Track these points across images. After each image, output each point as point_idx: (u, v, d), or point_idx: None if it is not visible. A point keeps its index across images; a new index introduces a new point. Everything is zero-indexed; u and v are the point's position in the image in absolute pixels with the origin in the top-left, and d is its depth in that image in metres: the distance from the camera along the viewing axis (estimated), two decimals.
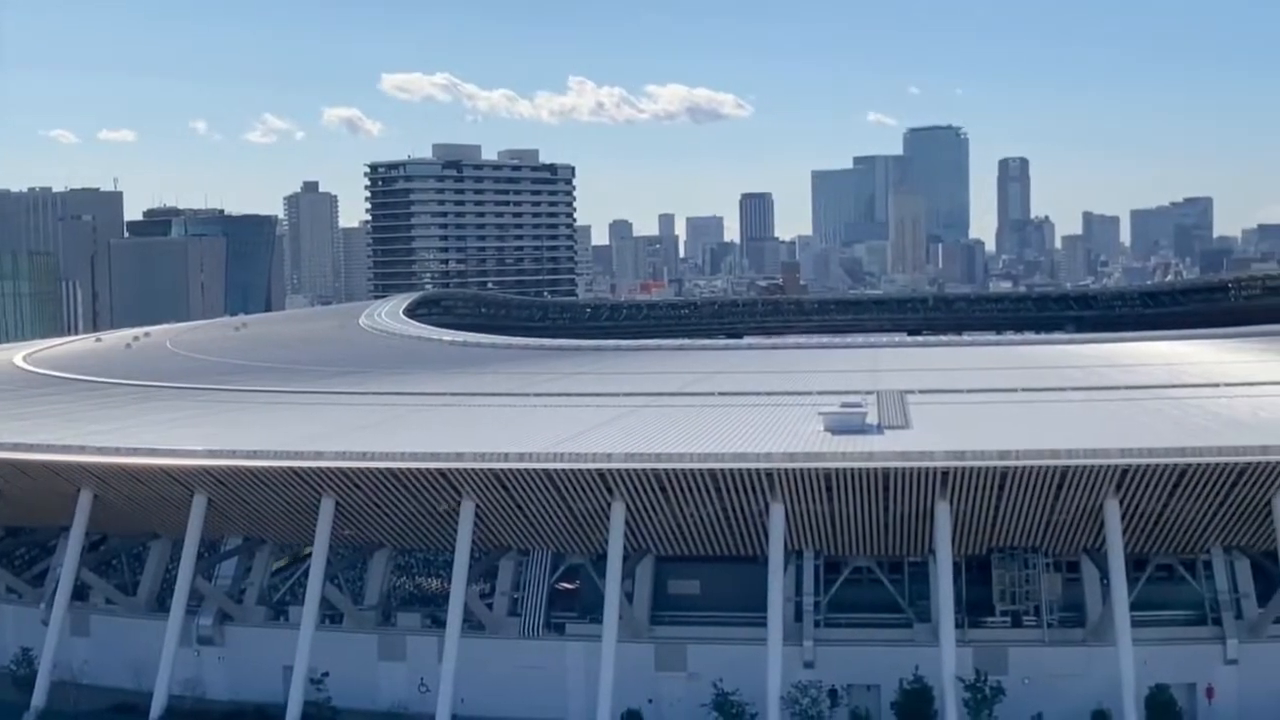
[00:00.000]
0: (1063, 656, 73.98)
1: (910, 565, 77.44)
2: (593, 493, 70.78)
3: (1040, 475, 67.51)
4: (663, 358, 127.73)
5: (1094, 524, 71.08)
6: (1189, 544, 74.62)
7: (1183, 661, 73.16)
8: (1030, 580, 74.82)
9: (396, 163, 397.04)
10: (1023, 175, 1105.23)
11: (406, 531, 78.93)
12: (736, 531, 74.02)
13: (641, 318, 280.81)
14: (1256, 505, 69.40)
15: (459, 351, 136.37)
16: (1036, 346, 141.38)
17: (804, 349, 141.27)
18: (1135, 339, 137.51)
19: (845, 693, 73.07)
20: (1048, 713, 69.81)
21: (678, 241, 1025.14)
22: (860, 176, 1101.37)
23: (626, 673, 71.09)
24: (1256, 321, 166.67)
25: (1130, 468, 66.73)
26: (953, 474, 67.67)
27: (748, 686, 70.09)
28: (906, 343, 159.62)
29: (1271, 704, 70.18)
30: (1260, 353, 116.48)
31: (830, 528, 73.69)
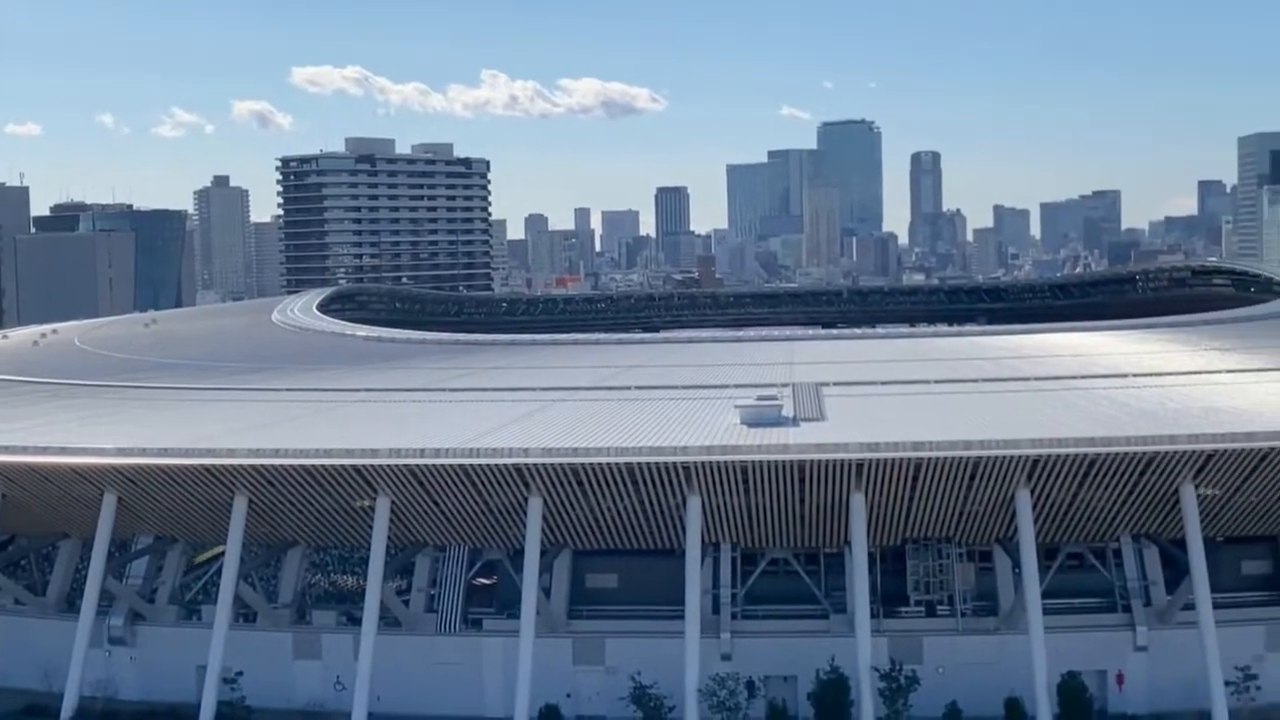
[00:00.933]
0: (976, 645, 74.83)
1: (826, 557, 78.02)
2: (509, 488, 70.58)
3: (953, 466, 68.24)
4: (579, 352, 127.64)
5: (1006, 514, 71.95)
6: (1099, 533, 75.80)
7: (1093, 649, 74.33)
8: (944, 570, 75.63)
9: (308, 156, 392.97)
10: (935, 169, 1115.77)
11: (321, 529, 78.30)
12: (654, 525, 74.14)
13: (558, 312, 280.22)
14: (1164, 494, 70.60)
15: (374, 347, 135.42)
16: (949, 339, 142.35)
17: (720, 342, 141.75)
18: (1045, 331, 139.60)
19: (763, 684, 73.45)
20: (961, 701, 70.45)
21: (594, 235, 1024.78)
22: (775, 170, 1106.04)
23: (544, 667, 71.00)
24: (1163, 313, 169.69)
25: (1041, 458, 67.62)
26: (867, 466, 68.24)
27: (666, 679, 70.24)
28: (821, 335, 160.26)
29: (1180, 690, 71.36)
30: (1167, 343, 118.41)
31: (747, 520, 74.02)
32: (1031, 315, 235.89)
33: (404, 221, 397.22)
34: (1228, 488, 70.78)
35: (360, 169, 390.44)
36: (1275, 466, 68.84)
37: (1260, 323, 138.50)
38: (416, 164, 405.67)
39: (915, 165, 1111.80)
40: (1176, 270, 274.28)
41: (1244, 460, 68.43)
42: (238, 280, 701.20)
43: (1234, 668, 70.54)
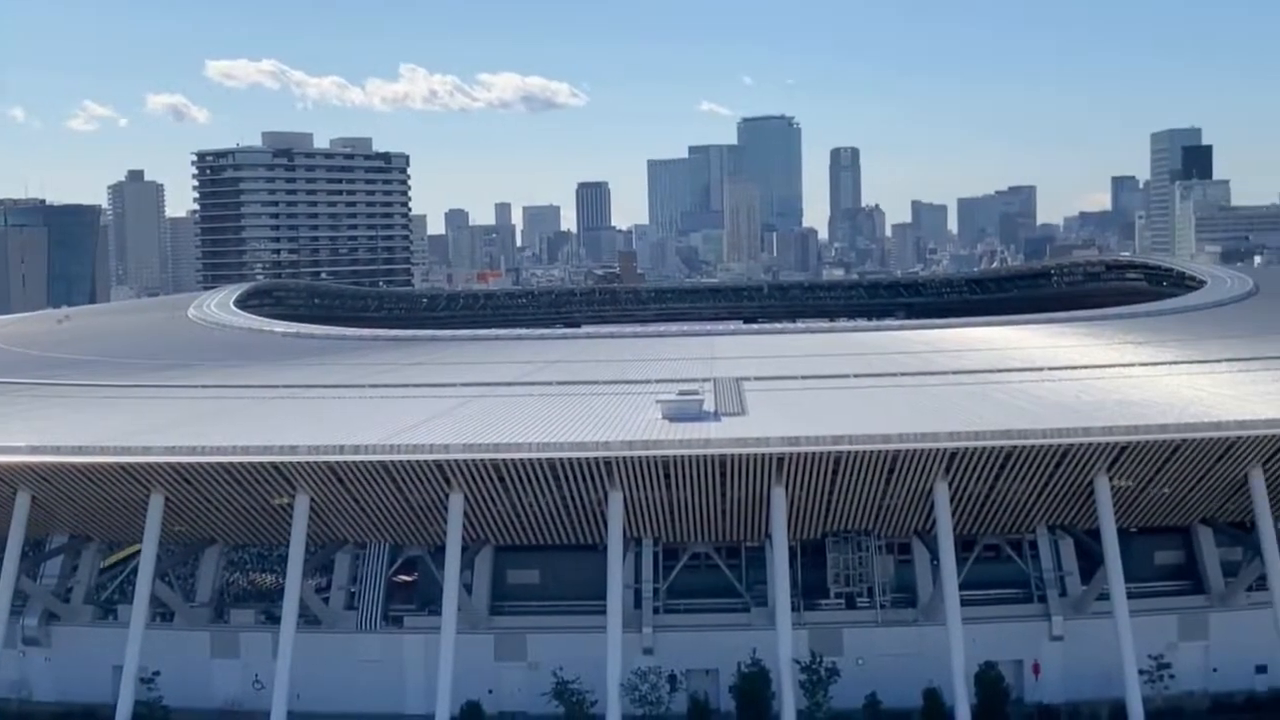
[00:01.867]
0: (895, 637, 75.61)
1: (747, 550, 78.48)
2: (430, 484, 70.25)
3: (872, 459, 68.81)
4: (500, 348, 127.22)
5: (924, 506, 72.67)
6: (1015, 524, 76.72)
7: (1010, 639, 75.34)
8: (863, 563, 76.35)
9: (225, 151, 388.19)
10: (854, 165, 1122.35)
11: (239, 527, 77.52)
12: (576, 520, 74.12)
13: (478, 307, 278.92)
14: (1079, 485, 71.59)
15: (292, 343, 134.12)
16: (868, 333, 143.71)
17: (641, 337, 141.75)
18: (963, 325, 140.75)
19: (684, 678, 73.74)
20: (881, 692, 71.16)
21: (515, 231, 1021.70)
22: (695, 166, 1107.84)
23: (466, 664, 70.74)
24: (1078, 307, 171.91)
25: (959, 450, 68.35)
26: (788, 460, 68.62)
27: (588, 674, 70.30)
28: (742, 330, 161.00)
29: (1095, 679, 72.48)
30: (1082, 337, 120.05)
31: (669, 515, 74.20)
32: (949, 310, 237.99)
33: (323, 216, 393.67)
34: (1141, 479, 71.90)
35: (278, 163, 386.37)
36: (1187, 458, 70.02)
37: (1172, 316, 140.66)
38: (335, 158, 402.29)
39: (834, 161, 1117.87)
40: (1091, 265, 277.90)
41: (1157, 452, 69.53)
42: (153, 276, 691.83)
43: (1148, 657, 71.81)
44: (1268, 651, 72.52)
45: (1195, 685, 75.20)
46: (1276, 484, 72.24)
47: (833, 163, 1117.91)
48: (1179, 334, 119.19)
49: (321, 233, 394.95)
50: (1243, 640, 75.62)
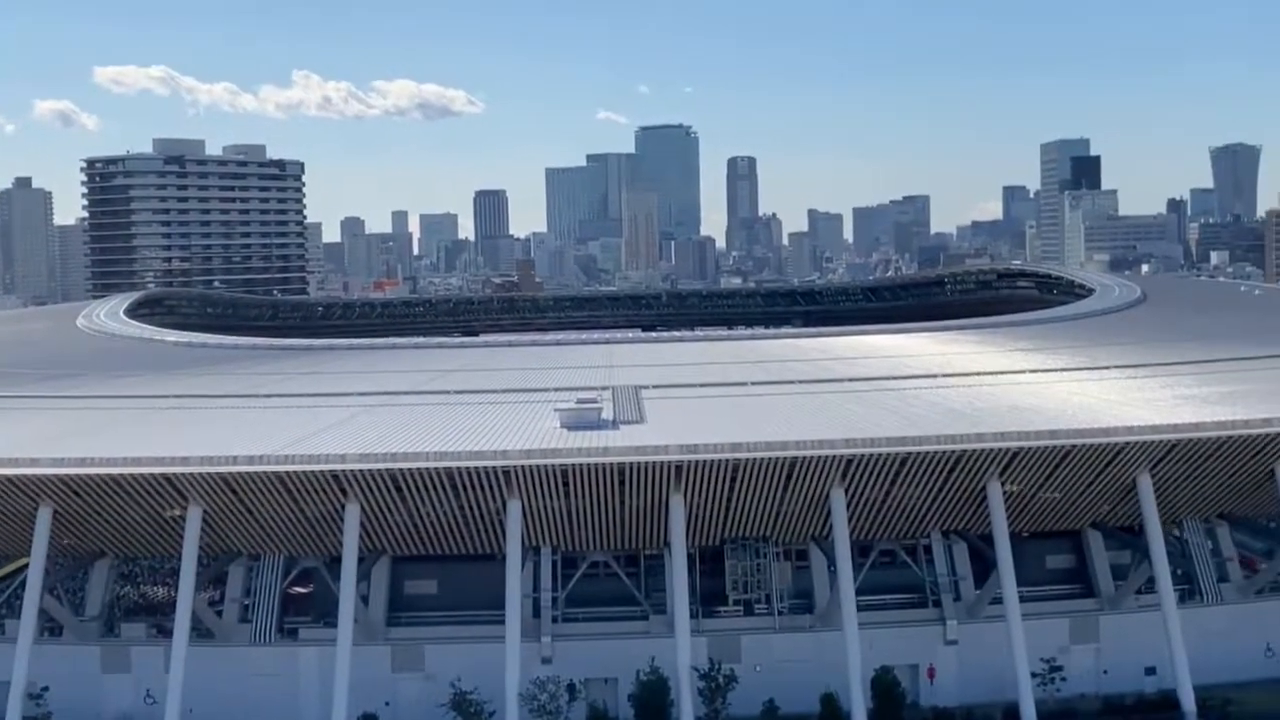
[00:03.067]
0: (792, 642, 76.07)
1: (646, 558, 78.57)
2: (326, 495, 69.52)
3: (770, 466, 69.20)
4: (397, 356, 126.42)
5: (821, 513, 73.22)
6: (910, 530, 77.57)
7: (906, 643, 76.12)
8: (761, 569, 76.72)
9: (115, 158, 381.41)
10: (751, 174, 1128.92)
11: (130, 539, 76.11)
12: (474, 530, 73.74)
13: (375, 316, 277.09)
14: (973, 490, 72.55)
15: (184, 352, 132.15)
16: (766, 341, 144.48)
17: (540, 346, 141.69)
18: (858, 333, 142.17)
19: (583, 687, 73.59)
20: (779, 698, 71.51)
21: (412, 239, 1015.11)
22: (593, 174, 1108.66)
23: (362, 676, 70.08)
24: (970, 314, 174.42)
25: (855, 457, 69.00)
26: (686, 467, 68.83)
27: (486, 685, 69.90)
28: (641, 339, 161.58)
29: (989, 682, 73.36)
30: (974, 344, 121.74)
31: (568, 523, 74.08)
32: (845, 317, 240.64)
33: (215, 224, 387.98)
34: (1032, 484, 73.08)
35: (169, 170, 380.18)
36: (1077, 463, 71.27)
37: (1062, 324, 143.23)
38: (228, 165, 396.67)
39: (732, 170, 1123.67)
40: (983, 273, 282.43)
41: (1047, 457, 70.70)
42: (41, 284, 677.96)
43: (1040, 660, 72.88)
44: (1157, 653, 73.83)
45: (1086, 687, 76.43)
46: (1164, 488, 73.75)
47: (730, 172, 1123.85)
48: (1069, 341, 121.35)
49: (214, 241, 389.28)
50: (1132, 642, 77.03)
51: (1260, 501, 78.07)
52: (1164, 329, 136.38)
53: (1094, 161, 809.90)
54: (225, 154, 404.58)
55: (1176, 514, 78.93)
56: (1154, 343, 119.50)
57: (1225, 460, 73.03)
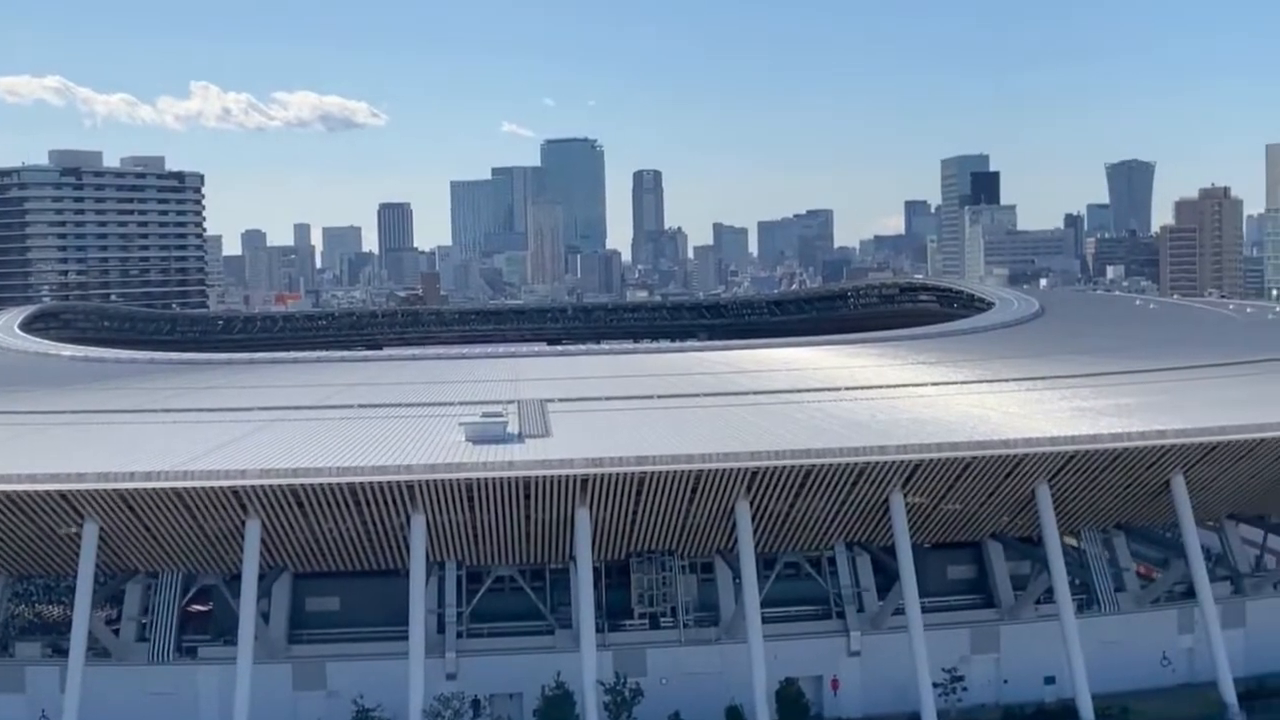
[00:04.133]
0: (698, 655, 76.14)
1: (552, 572, 78.29)
2: (226, 511, 68.49)
3: (676, 479, 69.24)
4: (299, 370, 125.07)
5: (727, 525, 73.37)
6: (815, 542, 77.99)
7: (810, 655, 76.55)
8: (667, 582, 76.74)
9: (9, 169, 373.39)
10: (656, 187, 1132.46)
11: (24, 557, 74.45)
12: (377, 545, 73.03)
13: (277, 330, 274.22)
14: (876, 502, 73.09)
15: (81, 367, 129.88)
16: (671, 354, 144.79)
17: (445, 359, 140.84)
18: (763, 346, 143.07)
19: (488, 702, 73.24)
20: (685, 711, 71.52)
21: (314, 252, 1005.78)
22: (498, 187, 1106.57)
23: (263, 694, 68.98)
24: (873, 328, 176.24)
25: (760, 470, 69.22)
26: (592, 480, 68.64)
27: (390, 702, 69.32)
28: (546, 352, 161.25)
29: (891, 692, 73.94)
30: (877, 357, 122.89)
31: (472, 538, 73.63)
32: (750, 331, 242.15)
33: (113, 237, 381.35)
34: (934, 496, 73.79)
35: (65, 182, 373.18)
36: (978, 475, 72.08)
37: (962, 337, 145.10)
38: (126, 177, 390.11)
39: (637, 183, 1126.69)
40: (885, 287, 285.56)
41: (949, 469, 71.43)
42: None
43: (942, 670, 73.55)
44: (1056, 663, 74.76)
45: (987, 697, 77.27)
46: (1062, 499, 74.81)
47: (635, 185, 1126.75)
48: (969, 354, 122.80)
49: (112, 254, 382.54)
50: (1032, 652, 77.99)
51: (1155, 511, 79.48)
52: (1061, 342, 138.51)
53: (993, 177, 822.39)
54: (123, 166, 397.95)
55: (1075, 524, 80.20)
56: (1052, 356, 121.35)
57: (1121, 471, 74.24)
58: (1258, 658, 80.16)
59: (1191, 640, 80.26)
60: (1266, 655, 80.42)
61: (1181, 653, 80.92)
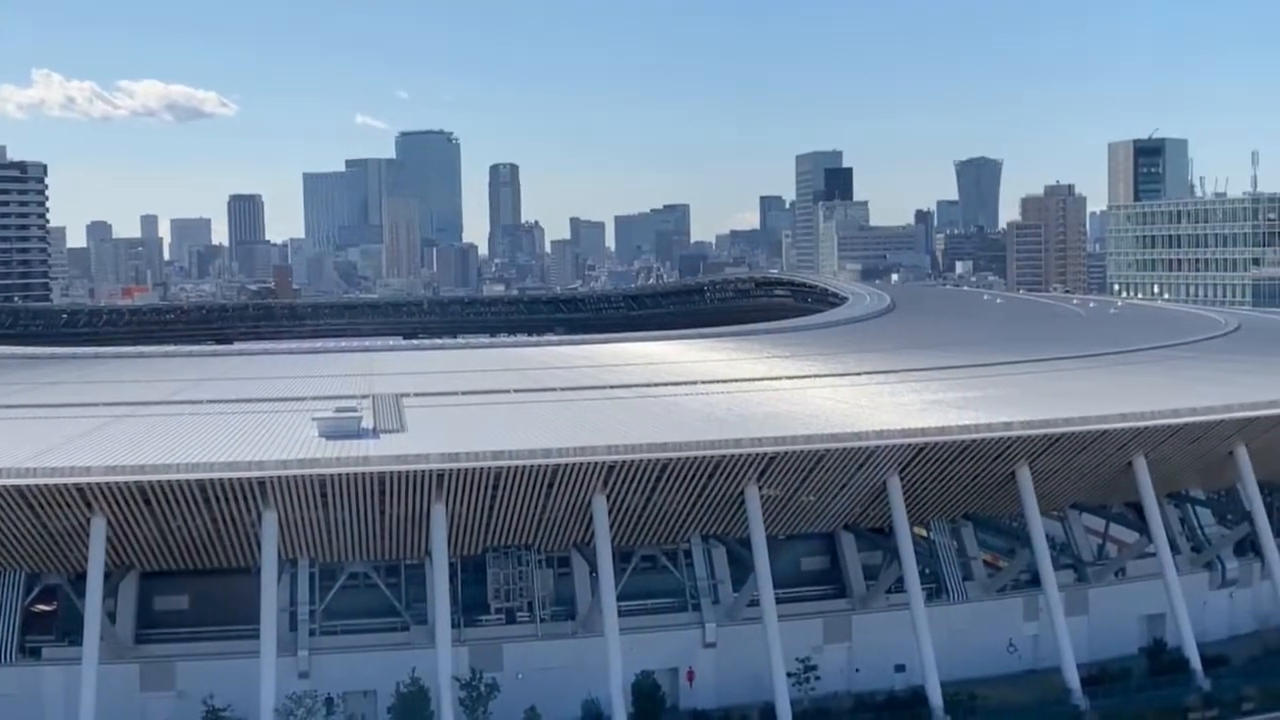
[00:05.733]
0: (554, 650, 76.08)
1: (407, 568, 77.58)
2: (70, 509, 66.79)
3: (532, 474, 69.14)
4: (147, 365, 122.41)
5: (583, 520, 73.45)
6: (671, 535, 78.42)
7: (666, 647, 76.92)
8: (523, 577, 76.60)
9: None
10: (513, 181, 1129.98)
11: None
12: (228, 543, 71.80)
13: (124, 324, 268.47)
14: (731, 495, 73.72)
15: None
16: (528, 348, 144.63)
17: (298, 354, 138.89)
18: (620, 340, 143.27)
19: (342, 700, 72.39)
20: (541, 705, 71.41)
21: (162, 244, 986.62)
22: (353, 179, 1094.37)
23: (110, 696, 67.57)
24: (729, 322, 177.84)
25: (616, 464, 69.40)
26: (448, 476, 68.22)
27: (241, 701, 68.16)
28: (402, 346, 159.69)
29: (747, 684, 74.59)
30: (732, 351, 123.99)
31: (326, 535, 72.71)
32: (607, 325, 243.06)
33: None
34: (788, 488, 74.66)
35: None
36: (831, 467, 73.10)
37: (816, 331, 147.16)
38: None
39: (494, 177, 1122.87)
40: (741, 282, 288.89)
41: (803, 461, 72.33)
42: None
43: (795, 660, 74.43)
44: (906, 651, 76.12)
45: (839, 686, 78.35)
46: (912, 490, 76.20)
47: (492, 179, 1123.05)
48: (823, 348, 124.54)
49: None
50: (883, 641, 79.27)
51: (1002, 502, 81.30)
52: (912, 336, 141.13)
53: (846, 173, 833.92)
54: None
55: (924, 515, 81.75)
56: (903, 350, 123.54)
57: (969, 462, 75.87)
58: (1100, 644, 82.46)
59: (1036, 627, 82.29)
60: (1109, 641, 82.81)
61: (1027, 640, 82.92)
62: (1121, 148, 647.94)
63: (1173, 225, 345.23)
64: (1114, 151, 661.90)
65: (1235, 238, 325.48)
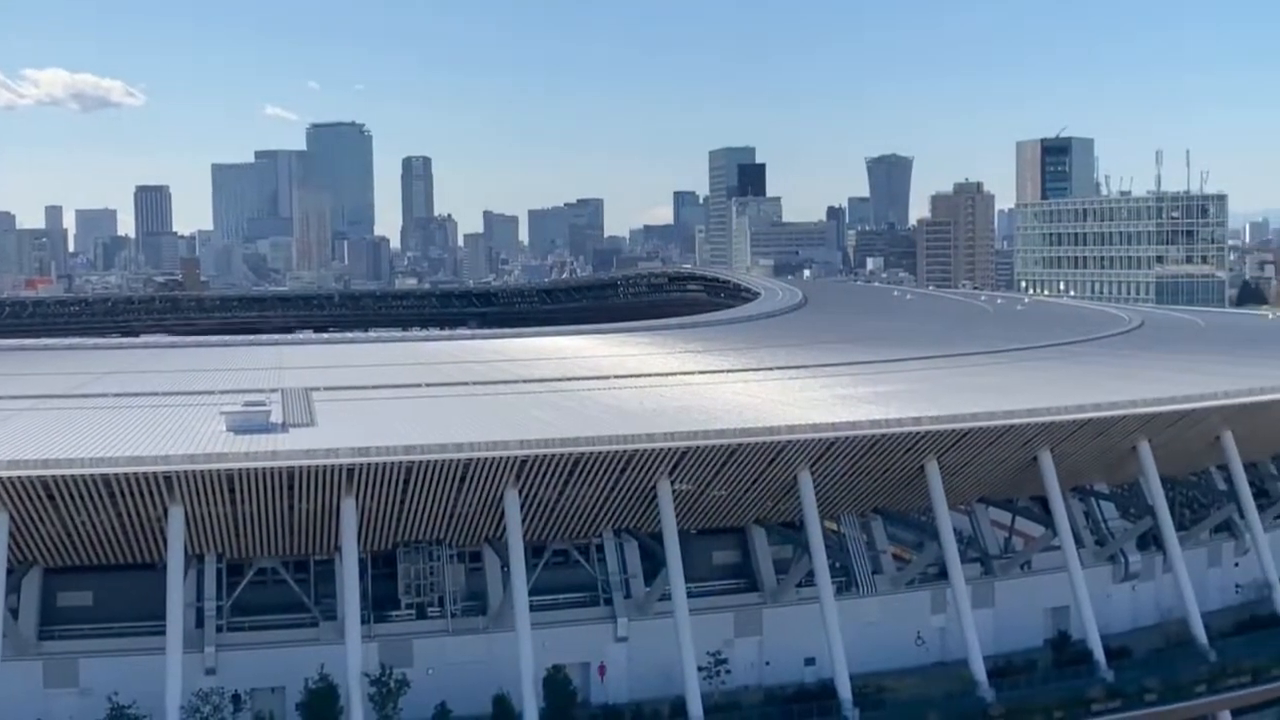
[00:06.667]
0: (465, 645, 75.84)
1: (316, 564, 76.91)
2: None
3: (444, 469, 68.76)
4: (51, 358, 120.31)
5: (496, 514, 73.21)
6: (584, 529, 78.39)
7: (577, 642, 76.93)
8: (434, 572, 76.23)
9: None
10: (426, 174, 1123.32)
11: None
12: (133, 538, 70.77)
13: (27, 316, 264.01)
14: (644, 489, 73.82)
15: None
16: (441, 342, 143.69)
17: (206, 347, 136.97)
18: (534, 334, 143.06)
19: (249, 697, 71.72)
20: (451, 701, 71.17)
21: (67, 235, 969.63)
22: (262, 171, 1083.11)
23: (11, 693, 67.07)
24: (642, 316, 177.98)
25: (529, 458, 69.20)
26: (358, 470, 67.68)
27: (146, 698, 67.22)
28: (312, 340, 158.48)
29: (658, 677, 74.76)
30: (645, 346, 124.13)
31: (233, 530, 71.86)
32: (521, 319, 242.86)
33: None
34: (700, 482, 74.87)
35: None
36: (743, 461, 73.39)
37: (729, 326, 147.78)
38: None
39: (406, 170, 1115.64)
40: (655, 277, 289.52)
41: (715, 456, 72.55)
42: None
43: (706, 654, 74.75)
44: (816, 644, 76.66)
45: (750, 679, 78.78)
46: (823, 484, 76.73)
47: (405, 171, 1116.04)
48: (736, 343, 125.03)
49: None
50: (793, 634, 79.80)
51: (911, 496, 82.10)
52: (824, 331, 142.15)
53: (759, 169, 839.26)
54: None
55: (835, 509, 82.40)
56: (815, 345, 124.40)
57: (879, 457, 76.50)
58: (1006, 636, 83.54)
59: (944, 620, 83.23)
60: (1014, 634, 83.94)
61: (934, 632, 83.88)
62: (1029, 146, 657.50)
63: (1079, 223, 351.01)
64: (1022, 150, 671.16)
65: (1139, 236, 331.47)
